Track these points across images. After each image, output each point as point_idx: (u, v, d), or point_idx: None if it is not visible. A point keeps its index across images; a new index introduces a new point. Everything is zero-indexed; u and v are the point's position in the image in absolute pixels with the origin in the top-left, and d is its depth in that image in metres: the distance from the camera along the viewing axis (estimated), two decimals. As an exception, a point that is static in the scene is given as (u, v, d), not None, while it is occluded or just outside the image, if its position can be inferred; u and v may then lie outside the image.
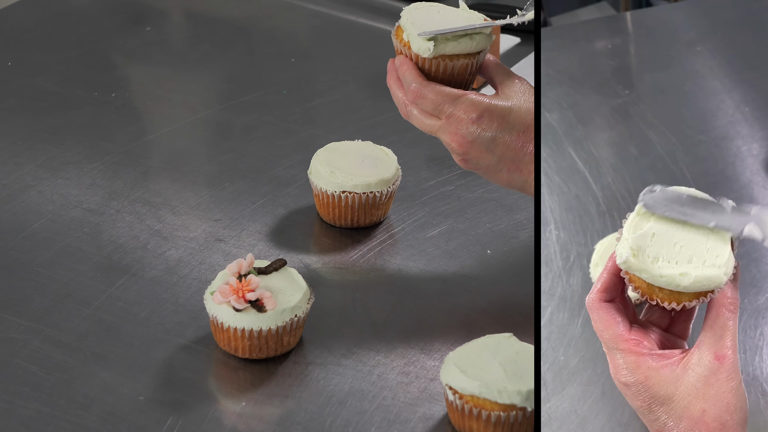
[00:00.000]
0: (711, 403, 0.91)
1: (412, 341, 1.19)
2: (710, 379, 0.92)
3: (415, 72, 1.19)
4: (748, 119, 1.51)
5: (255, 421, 1.10)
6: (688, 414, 0.92)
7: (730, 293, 0.93)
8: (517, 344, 1.10)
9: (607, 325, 0.96)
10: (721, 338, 0.92)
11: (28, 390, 1.12)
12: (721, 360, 0.92)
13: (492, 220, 1.36)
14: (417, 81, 1.18)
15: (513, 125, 1.17)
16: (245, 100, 1.59)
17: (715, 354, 0.92)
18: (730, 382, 0.92)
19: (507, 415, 1.05)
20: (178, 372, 1.15)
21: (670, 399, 0.93)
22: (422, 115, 1.19)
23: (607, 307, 0.96)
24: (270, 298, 1.14)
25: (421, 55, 1.18)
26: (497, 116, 1.17)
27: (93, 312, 1.21)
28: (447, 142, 1.18)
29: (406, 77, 1.19)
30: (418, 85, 1.18)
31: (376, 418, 1.10)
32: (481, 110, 1.16)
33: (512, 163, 1.18)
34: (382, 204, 1.33)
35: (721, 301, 0.93)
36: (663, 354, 0.94)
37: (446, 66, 1.18)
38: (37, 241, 1.31)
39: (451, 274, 1.28)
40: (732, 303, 0.93)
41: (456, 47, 1.18)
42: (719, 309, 0.93)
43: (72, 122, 1.53)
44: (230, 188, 1.41)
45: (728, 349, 0.92)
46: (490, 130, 1.17)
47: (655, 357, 0.94)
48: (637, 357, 0.94)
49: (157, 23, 1.78)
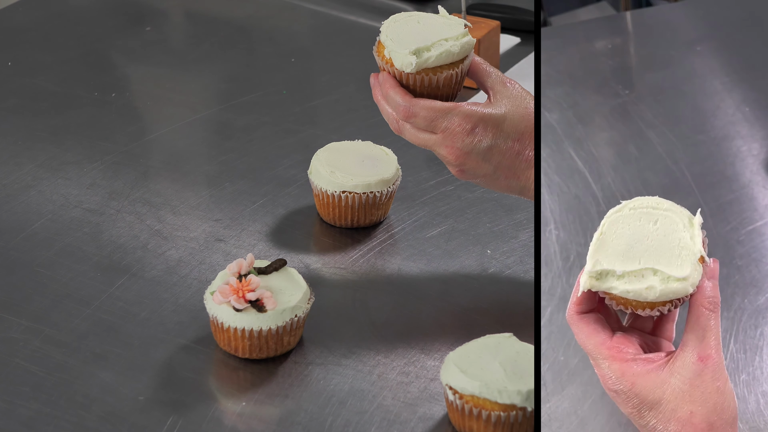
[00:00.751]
0: (698, 405, 0.91)
1: (412, 341, 1.19)
2: (695, 381, 0.91)
3: (400, 91, 1.18)
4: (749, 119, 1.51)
5: (255, 421, 1.10)
6: (676, 417, 0.92)
7: (709, 292, 0.93)
8: (517, 344, 1.10)
9: (588, 336, 0.95)
10: (704, 339, 0.92)
11: (28, 390, 1.12)
12: (704, 361, 0.91)
13: (492, 220, 1.36)
14: (405, 100, 1.17)
15: (507, 134, 1.17)
16: (245, 100, 1.59)
17: (698, 355, 0.92)
18: (716, 382, 0.91)
19: (507, 415, 1.05)
20: (178, 372, 1.15)
21: (658, 403, 0.92)
22: (415, 130, 1.18)
23: (586, 319, 0.96)
24: (270, 298, 1.14)
25: (404, 71, 1.17)
26: (491, 126, 1.17)
27: (93, 312, 1.21)
28: (443, 155, 1.18)
29: (392, 97, 1.18)
30: (408, 105, 1.17)
31: (376, 418, 1.10)
32: (474, 121, 1.16)
33: (509, 171, 1.18)
34: (382, 204, 1.33)
35: (700, 301, 0.93)
36: (647, 358, 0.94)
37: (431, 80, 1.18)
38: (37, 241, 1.31)
39: (451, 274, 1.28)
40: (711, 302, 0.93)
41: (439, 59, 1.17)
42: (699, 309, 0.93)
43: (72, 122, 1.53)
44: (230, 188, 1.41)
45: (711, 349, 0.92)
46: (486, 140, 1.17)
47: (640, 362, 0.94)
48: (621, 364, 0.94)
49: (157, 23, 1.78)
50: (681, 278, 0.92)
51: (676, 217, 0.95)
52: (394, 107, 1.18)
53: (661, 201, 0.97)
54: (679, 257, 0.93)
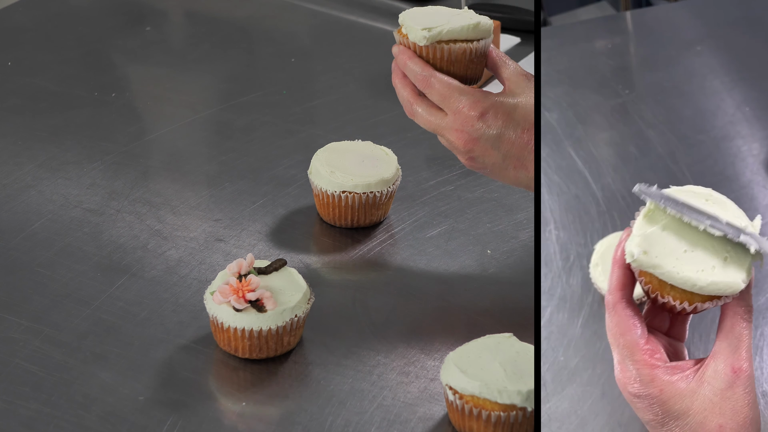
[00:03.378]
0: (728, 418, 0.88)
1: (412, 341, 1.19)
2: (727, 393, 0.88)
3: (419, 61, 1.19)
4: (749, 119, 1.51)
5: (255, 421, 1.10)
6: (704, 429, 0.88)
7: (745, 301, 0.89)
8: (517, 344, 1.10)
9: (625, 331, 0.91)
10: (737, 349, 0.88)
11: (28, 390, 1.12)
12: (738, 372, 0.88)
13: (492, 220, 1.36)
14: (424, 69, 1.18)
15: (518, 122, 1.16)
16: (245, 100, 1.59)
17: (732, 366, 0.88)
18: (748, 396, 0.88)
19: (507, 415, 1.05)
20: (178, 372, 1.15)
21: (686, 413, 0.89)
22: (427, 111, 1.18)
23: (629, 310, 0.92)
24: (270, 298, 1.14)
25: (417, 43, 1.19)
26: (502, 113, 1.16)
27: (93, 312, 1.21)
28: (452, 141, 1.18)
29: (411, 68, 1.18)
30: (427, 74, 1.18)
31: (376, 418, 1.10)
32: (486, 106, 1.16)
33: (517, 161, 1.17)
34: (382, 204, 1.33)
35: (735, 310, 0.89)
36: (677, 366, 0.91)
37: (442, 51, 1.18)
38: (37, 241, 1.31)
39: (451, 274, 1.28)
40: (747, 311, 0.89)
41: (451, 32, 1.19)
42: (734, 318, 0.89)
43: (72, 122, 1.53)
44: (230, 188, 1.41)
45: (744, 360, 0.88)
46: (495, 127, 1.16)
47: (669, 370, 0.90)
48: (651, 370, 0.90)
49: (157, 23, 1.78)
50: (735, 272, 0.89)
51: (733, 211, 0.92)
52: (412, 76, 1.18)
53: (713, 192, 0.93)
54: (733, 256, 0.90)
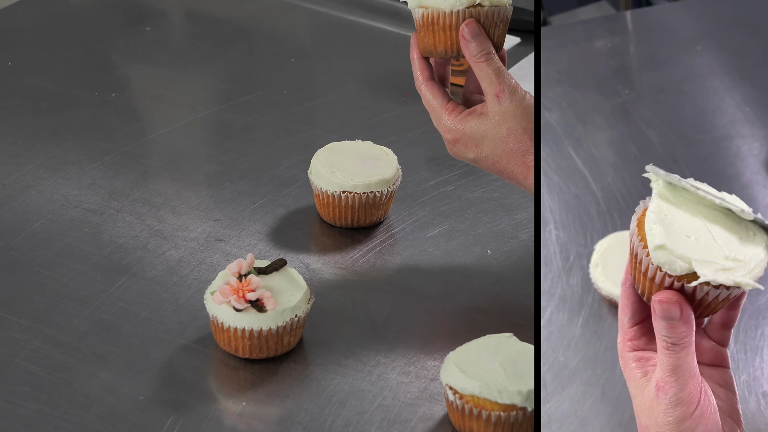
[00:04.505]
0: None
1: (412, 341, 1.19)
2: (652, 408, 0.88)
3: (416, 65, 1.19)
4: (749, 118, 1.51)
5: (255, 421, 1.10)
6: None
7: (665, 331, 0.86)
8: (517, 344, 1.10)
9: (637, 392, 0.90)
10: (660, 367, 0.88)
11: (28, 390, 1.12)
12: (658, 390, 0.87)
13: (492, 220, 1.36)
14: (417, 79, 1.19)
15: (487, 155, 1.16)
16: (245, 100, 1.59)
17: (656, 383, 0.88)
18: (667, 416, 0.87)
19: (507, 415, 1.05)
20: (178, 372, 1.15)
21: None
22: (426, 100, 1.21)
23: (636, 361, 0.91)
24: (270, 298, 1.14)
25: (443, 9, 1.14)
26: (472, 143, 1.17)
27: (93, 312, 1.21)
28: None
29: (413, 65, 1.20)
30: (418, 84, 1.19)
31: (376, 418, 1.10)
32: (456, 136, 1.17)
33: (498, 173, 1.18)
34: (382, 204, 1.33)
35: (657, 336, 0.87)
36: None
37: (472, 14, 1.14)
38: (37, 241, 1.31)
39: (451, 274, 1.28)
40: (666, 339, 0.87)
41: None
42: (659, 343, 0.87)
43: (72, 122, 1.53)
44: (230, 188, 1.41)
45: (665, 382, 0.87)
46: (469, 153, 1.18)
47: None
48: None
49: (157, 23, 1.78)
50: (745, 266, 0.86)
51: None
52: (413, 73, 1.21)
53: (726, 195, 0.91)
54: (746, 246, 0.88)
